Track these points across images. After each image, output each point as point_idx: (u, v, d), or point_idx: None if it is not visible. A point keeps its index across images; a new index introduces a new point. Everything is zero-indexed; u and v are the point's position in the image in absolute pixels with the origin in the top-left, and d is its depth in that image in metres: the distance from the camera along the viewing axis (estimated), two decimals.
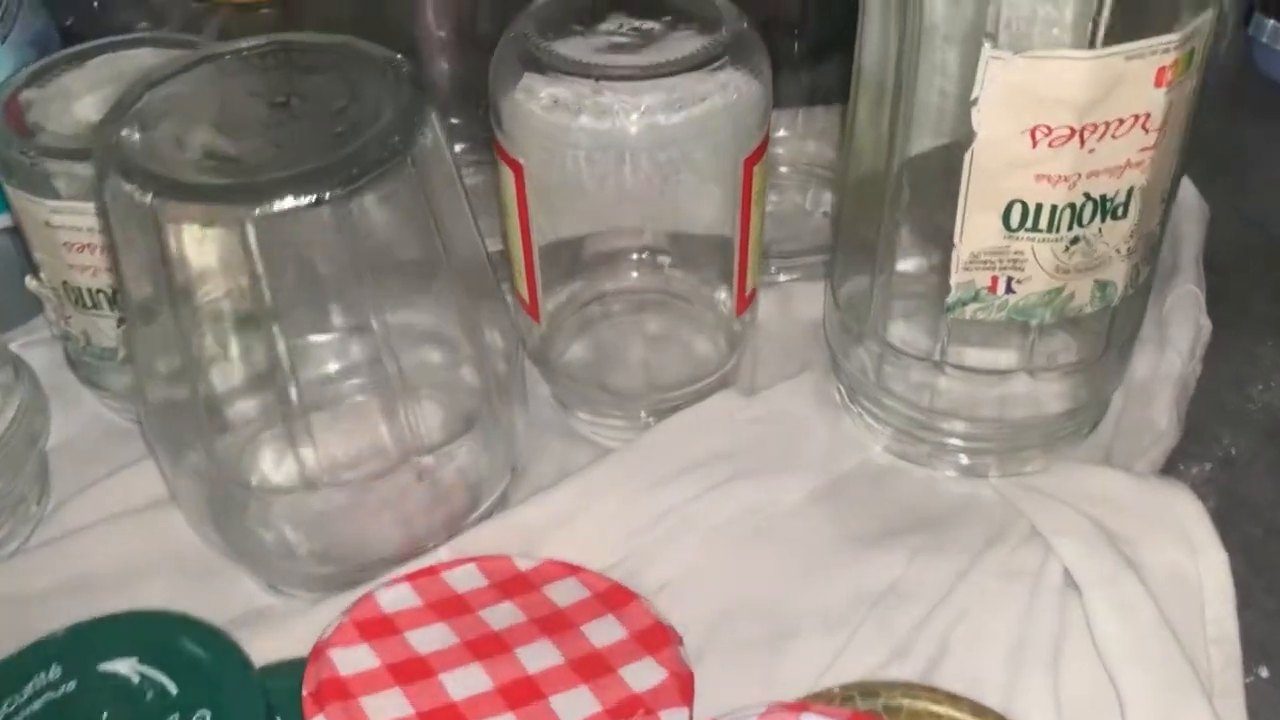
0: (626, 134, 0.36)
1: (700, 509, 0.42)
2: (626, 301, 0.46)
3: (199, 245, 0.33)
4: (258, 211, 0.31)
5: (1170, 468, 0.44)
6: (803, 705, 0.34)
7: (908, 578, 0.40)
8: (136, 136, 0.33)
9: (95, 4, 0.58)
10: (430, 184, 0.34)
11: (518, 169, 0.39)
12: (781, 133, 0.52)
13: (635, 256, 0.46)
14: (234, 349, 0.36)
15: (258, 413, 0.38)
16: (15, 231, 0.50)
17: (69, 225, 0.41)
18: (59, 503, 0.45)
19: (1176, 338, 0.46)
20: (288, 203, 0.31)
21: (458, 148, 0.54)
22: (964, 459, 0.43)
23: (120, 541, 0.43)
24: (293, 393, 0.34)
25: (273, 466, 0.38)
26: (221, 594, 0.40)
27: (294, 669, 0.36)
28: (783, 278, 0.51)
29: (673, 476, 0.43)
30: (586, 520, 0.41)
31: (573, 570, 0.39)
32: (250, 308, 0.34)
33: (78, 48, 0.46)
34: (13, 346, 0.47)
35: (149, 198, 0.31)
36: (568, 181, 0.38)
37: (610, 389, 0.44)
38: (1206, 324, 0.47)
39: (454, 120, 0.54)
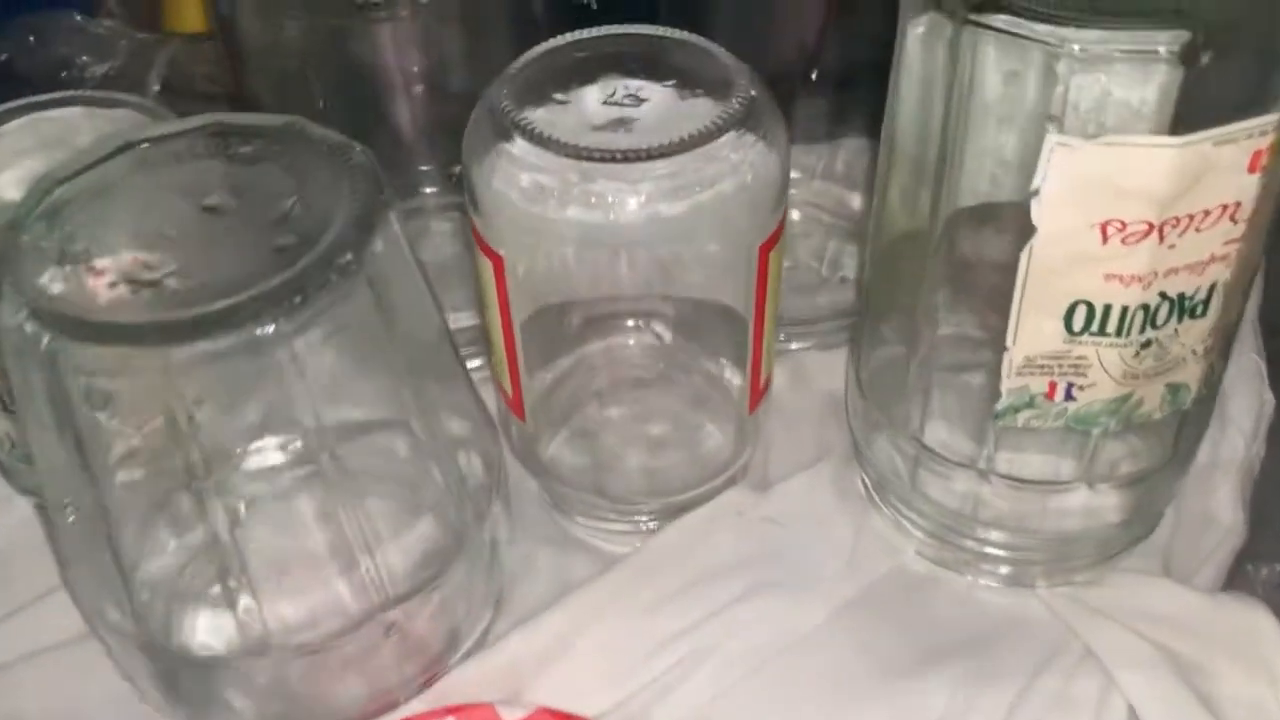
0: (622, 226, 0.31)
1: (711, 637, 0.37)
2: (623, 385, 0.41)
3: (110, 383, 0.28)
4: (181, 354, 0.26)
5: (1238, 569, 0.39)
6: None
7: (952, 713, 0.35)
8: (38, 256, 0.28)
9: (31, 39, 0.52)
10: (388, 289, 0.29)
11: (497, 261, 0.33)
12: (794, 174, 0.46)
13: (631, 323, 0.41)
14: (155, 498, 0.30)
15: (188, 569, 0.33)
16: None
17: None
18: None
19: (1238, 415, 0.41)
20: (218, 342, 0.26)
21: (427, 190, 0.49)
22: (1007, 568, 0.38)
23: (52, 680, 0.37)
24: (228, 547, 0.29)
25: (210, 631, 0.33)
26: None
27: None
28: (794, 346, 0.45)
29: (679, 593, 0.38)
30: (581, 654, 0.36)
31: None
32: (174, 455, 0.28)
33: None
34: None
35: (46, 339, 0.26)
36: (554, 277, 0.33)
37: (607, 494, 0.39)
38: (1270, 399, 0.42)
39: (423, 167, 0.49)
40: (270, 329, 0.26)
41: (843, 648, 0.37)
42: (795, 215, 0.48)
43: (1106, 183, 0.28)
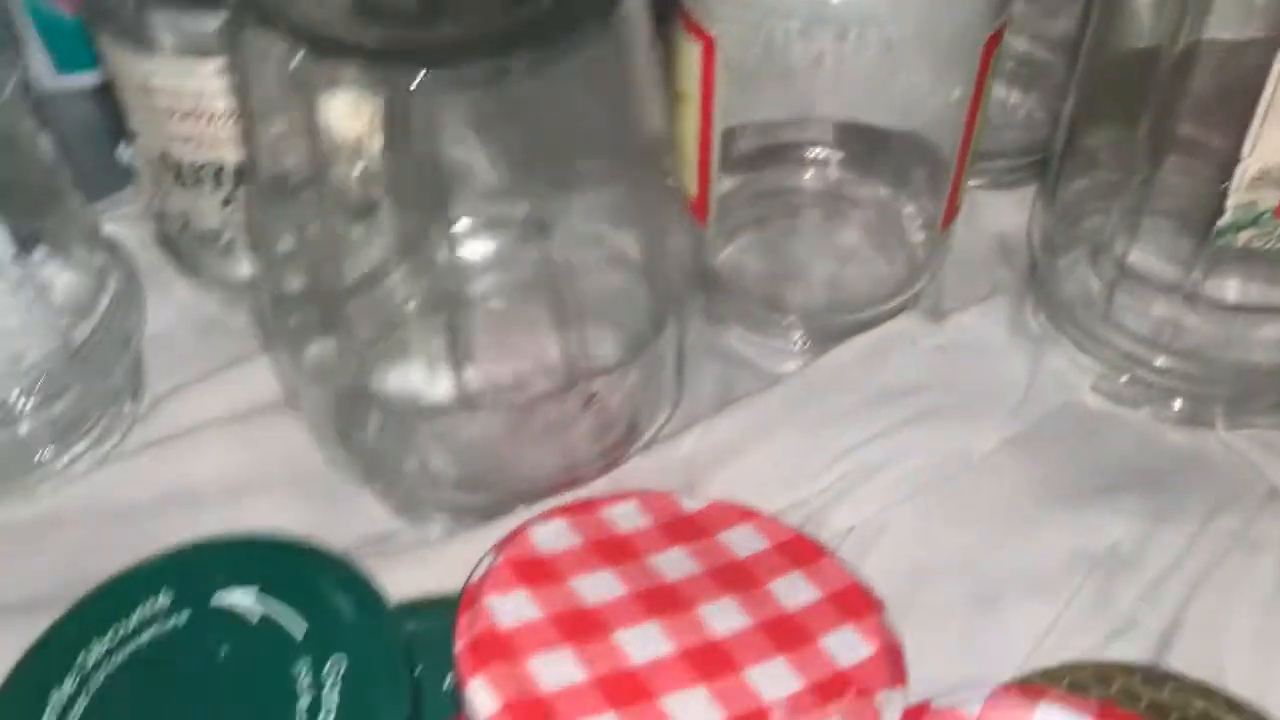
0: (857, 2, 0.30)
1: (882, 453, 0.36)
2: (807, 207, 0.40)
3: (349, 113, 0.27)
4: (424, 79, 0.25)
5: None
6: (1037, 690, 0.29)
7: (1128, 541, 0.35)
8: None
9: None
10: (629, 56, 0.28)
11: (708, 43, 0.32)
12: None
13: (819, 154, 0.40)
14: (384, 241, 0.30)
15: (408, 320, 0.32)
16: (105, 91, 0.44)
17: (172, 89, 0.35)
18: (155, 402, 0.40)
19: None
20: (464, 70, 0.25)
21: None
22: (1188, 404, 0.37)
23: (225, 450, 0.38)
24: (452, 298, 0.29)
25: (424, 383, 0.33)
26: (342, 515, 0.36)
27: (435, 609, 0.31)
28: (969, 183, 0.44)
29: (850, 412, 0.37)
30: (754, 458, 0.36)
31: (746, 515, 0.34)
32: (407, 193, 0.28)
33: None
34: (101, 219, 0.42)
35: (297, 57, 0.25)
36: (771, 60, 0.32)
37: (782, 304, 0.38)
38: None
39: None
40: (516, 62, 0.25)
41: (1015, 474, 0.37)
42: None
43: None
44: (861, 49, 0.31)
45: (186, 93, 0.35)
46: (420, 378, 0.33)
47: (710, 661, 0.29)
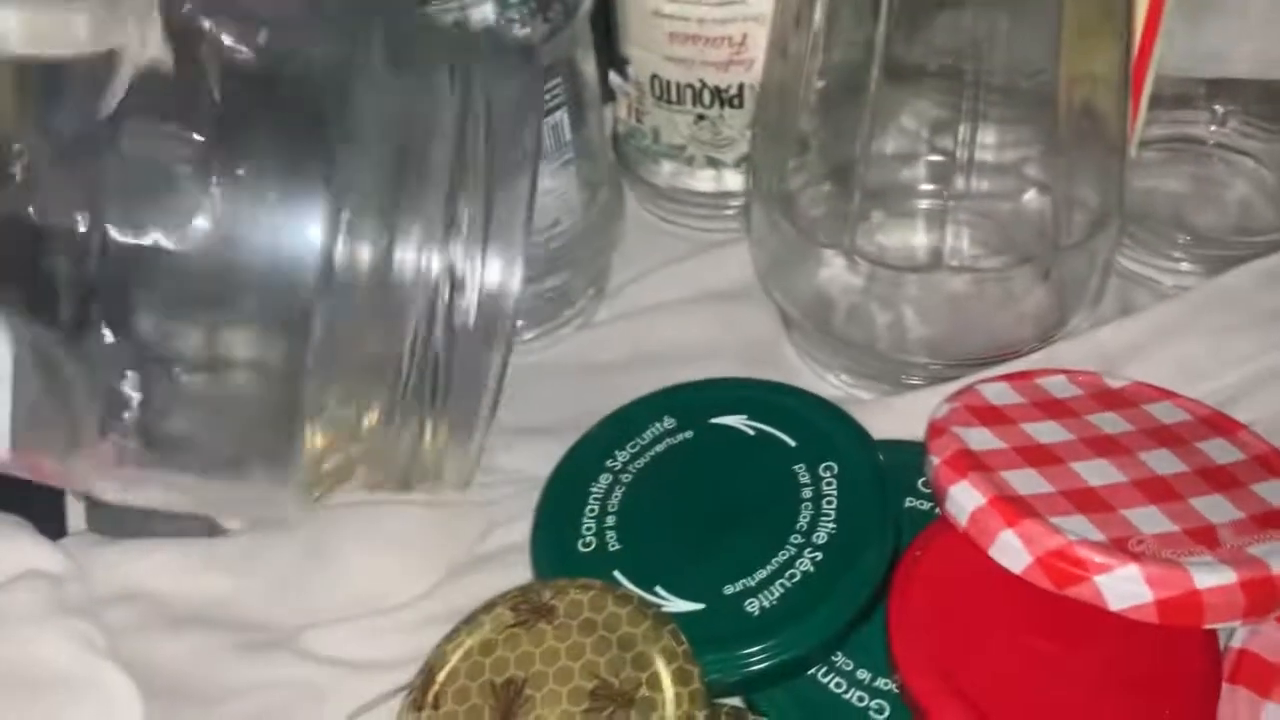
0: None
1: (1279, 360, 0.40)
2: (1210, 148, 0.44)
3: None
4: None
5: None
6: None
7: None
8: None
9: None
10: None
11: None
12: None
13: (1224, 107, 0.44)
14: (907, 111, 0.36)
15: (914, 187, 0.38)
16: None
17: (679, 15, 0.43)
18: (617, 288, 0.48)
19: None
20: None
21: None
22: None
23: (680, 324, 0.45)
24: (963, 175, 0.35)
25: (918, 244, 0.39)
26: (787, 381, 0.42)
27: (904, 446, 0.37)
28: None
29: (1247, 325, 0.41)
30: (1162, 353, 0.41)
31: (1166, 394, 0.38)
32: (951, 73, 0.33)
33: None
34: None
35: None
36: None
37: (1186, 228, 0.43)
38: None
39: None
40: None
41: None
42: None
43: None
44: None
45: (690, 19, 0.43)
46: (912, 239, 0.39)
47: (1158, 490, 0.33)
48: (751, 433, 0.37)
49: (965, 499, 0.33)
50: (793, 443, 0.37)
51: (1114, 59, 0.34)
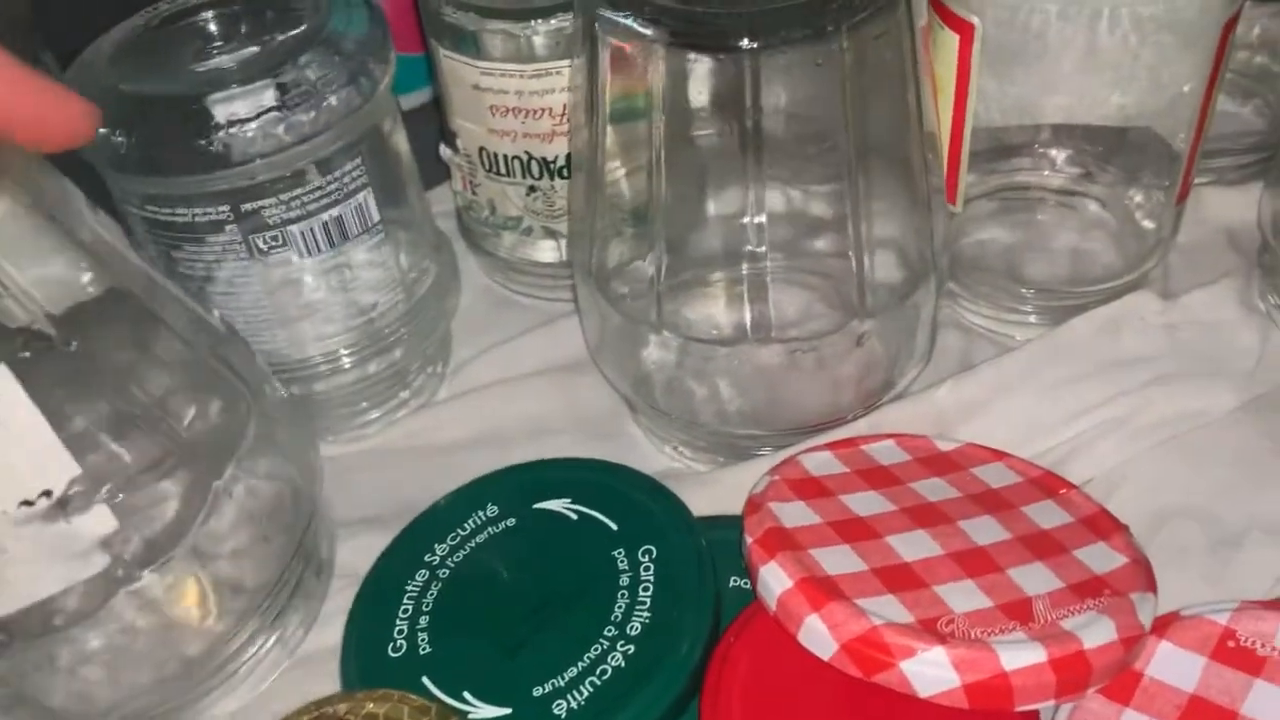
0: None
1: (1121, 410, 0.39)
2: (1045, 196, 0.44)
3: (689, 82, 0.33)
4: (760, 44, 0.30)
5: None
6: None
7: None
8: None
9: None
10: (913, 35, 0.33)
11: (967, 31, 0.37)
12: None
13: (1058, 151, 0.44)
14: (705, 191, 0.35)
15: (713, 259, 0.38)
16: (417, 112, 0.52)
17: (497, 88, 0.42)
18: (460, 364, 0.46)
19: None
20: (794, 33, 0.30)
21: None
22: None
23: (522, 400, 0.44)
24: (757, 242, 0.34)
25: (723, 317, 0.38)
26: (626, 455, 0.41)
27: (725, 522, 0.36)
28: (1194, 181, 0.47)
29: (1087, 376, 0.41)
30: (1000, 410, 0.40)
31: (997, 455, 0.37)
32: (731, 147, 0.33)
33: None
34: None
35: (651, 30, 0.31)
36: (1028, 45, 0.36)
37: (1022, 280, 0.42)
38: None
39: None
40: (833, 25, 0.30)
41: (1251, 432, 0.39)
42: None
43: None
44: (1114, 28, 0.35)
45: (508, 92, 0.42)
46: (720, 314, 0.38)
47: (975, 562, 0.32)
48: (575, 517, 0.36)
49: (774, 581, 0.32)
50: (614, 526, 0.35)
51: (902, 114, 0.33)
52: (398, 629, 0.34)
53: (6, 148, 0.22)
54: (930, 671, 0.29)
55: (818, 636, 0.30)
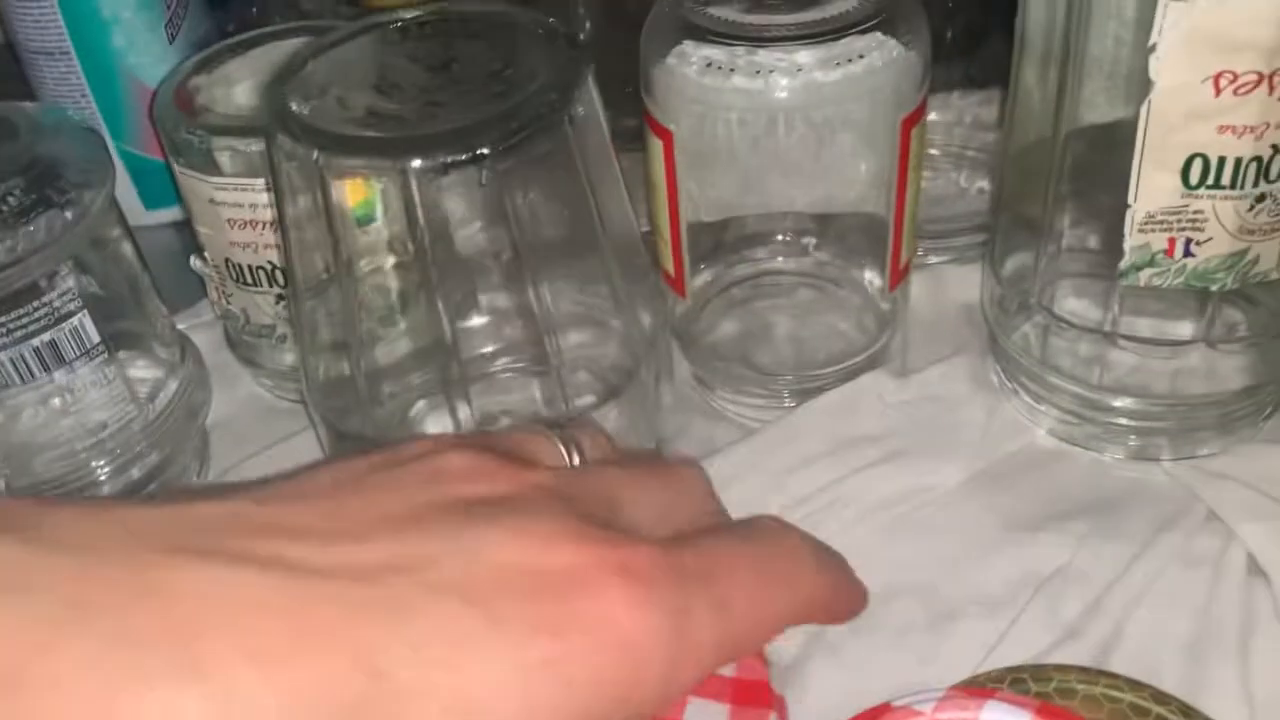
0: (781, 93, 0.35)
1: (849, 490, 0.40)
2: (773, 281, 0.45)
3: (357, 196, 0.34)
4: (418, 164, 0.31)
5: None
6: (987, 692, 0.32)
7: (1076, 562, 0.38)
8: (301, 99, 0.34)
9: (254, 10, 0.61)
10: (586, 150, 0.34)
11: (667, 137, 0.38)
12: (934, 116, 0.51)
13: (781, 238, 0.46)
14: (396, 321, 0.36)
15: (418, 379, 0.38)
16: (183, 224, 0.52)
17: (232, 202, 0.42)
18: (217, 475, 0.46)
19: None
20: (448, 155, 0.31)
21: None
22: (1134, 440, 0.40)
23: None
24: (454, 363, 0.35)
25: (432, 428, 0.38)
26: None
27: None
28: (933, 260, 0.49)
29: (819, 457, 0.42)
30: (729, 499, 0.40)
31: None
32: (412, 273, 0.34)
33: (240, 37, 0.48)
34: (179, 326, 0.49)
35: (315, 153, 0.32)
36: (719, 147, 0.38)
37: (755, 366, 0.43)
38: None
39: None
40: (490, 148, 0.31)
41: (973, 506, 0.40)
42: (936, 151, 0.52)
43: (1216, 36, 0.31)
44: (791, 133, 0.37)
45: (243, 205, 0.42)
46: (429, 426, 0.38)
47: None
48: None
49: None
50: None
51: (586, 222, 0.35)
52: None
53: None
54: None
55: None
